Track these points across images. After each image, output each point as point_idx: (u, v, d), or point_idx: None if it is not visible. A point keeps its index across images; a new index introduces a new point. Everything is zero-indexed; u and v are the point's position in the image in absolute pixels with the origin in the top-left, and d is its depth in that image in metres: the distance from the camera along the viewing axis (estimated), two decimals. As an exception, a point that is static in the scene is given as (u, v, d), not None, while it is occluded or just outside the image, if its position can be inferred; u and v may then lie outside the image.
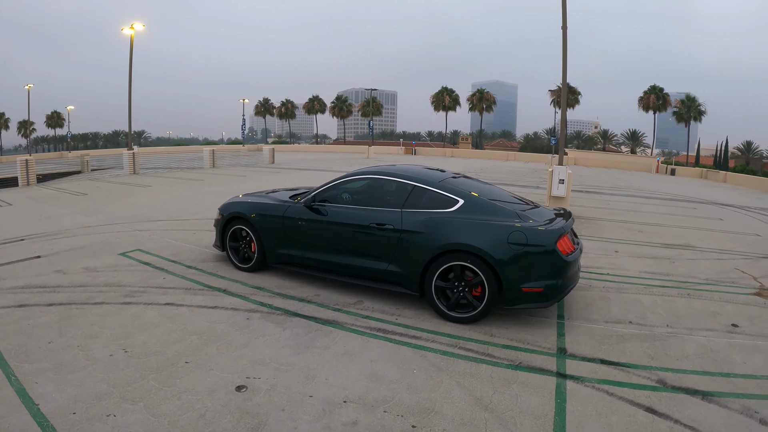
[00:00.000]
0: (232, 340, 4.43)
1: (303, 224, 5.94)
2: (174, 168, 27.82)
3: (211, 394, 3.50)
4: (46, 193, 16.13)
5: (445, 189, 5.41)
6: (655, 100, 61.57)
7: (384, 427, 3.18)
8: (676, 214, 14.56)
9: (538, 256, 4.78)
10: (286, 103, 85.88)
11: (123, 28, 25.04)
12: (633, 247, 9.12)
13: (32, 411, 3.22)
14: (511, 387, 3.78)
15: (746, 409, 3.58)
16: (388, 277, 5.36)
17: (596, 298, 5.98)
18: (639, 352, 4.50)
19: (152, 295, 5.57)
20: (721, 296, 6.26)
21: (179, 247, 7.83)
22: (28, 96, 51.43)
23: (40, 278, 6.11)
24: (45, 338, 4.37)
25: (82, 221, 10.20)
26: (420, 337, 4.64)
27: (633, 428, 3.30)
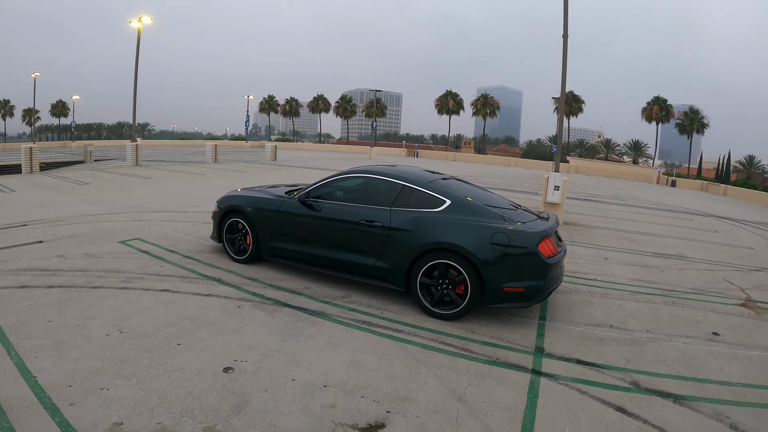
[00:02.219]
0: (223, 326, 4.63)
1: (296, 219, 6.13)
2: (176, 161, 28.01)
3: (200, 373, 3.70)
4: (48, 181, 16.33)
5: (434, 190, 5.59)
6: (659, 111, 61.58)
7: (360, 411, 3.35)
8: (672, 224, 14.66)
9: (519, 258, 4.93)
10: (291, 101, 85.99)
11: (131, 21, 25.20)
12: (624, 255, 9.24)
13: (30, 383, 3.42)
14: (486, 381, 3.93)
15: (717, 414, 3.67)
16: (375, 272, 5.54)
17: (580, 302, 6.10)
18: (616, 355, 4.60)
19: (149, 282, 5.77)
20: (705, 305, 6.35)
21: (177, 238, 8.02)
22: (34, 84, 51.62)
23: (42, 262, 6.31)
24: (44, 317, 4.57)
25: (83, 209, 10.41)
26: (403, 331, 4.82)
27: (601, 426, 3.41)
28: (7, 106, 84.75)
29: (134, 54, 24.85)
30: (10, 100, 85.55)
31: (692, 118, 61.33)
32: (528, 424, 3.36)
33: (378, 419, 3.27)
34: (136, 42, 24.72)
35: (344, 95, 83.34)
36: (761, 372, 4.51)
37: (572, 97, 63.94)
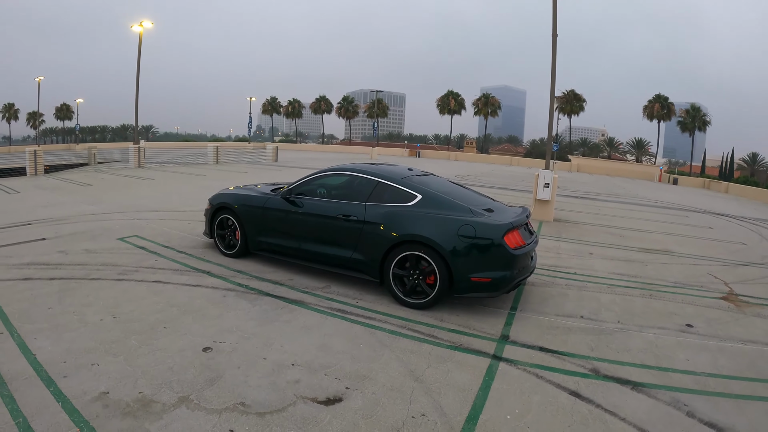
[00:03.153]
0: (207, 312, 5.00)
1: (280, 214, 6.48)
2: (178, 163, 28.49)
3: (181, 352, 4.07)
4: (52, 183, 16.84)
5: (406, 185, 5.91)
6: (660, 109, 61.57)
7: (321, 387, 3.68)
8: (666, 221, 14.84)
9: (485, 248, 5.21)
10: (293, 102, 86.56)
11: (132, 26, 25.66)
12: (610, 250, 9.42)
13: (30, 359, 3.82)
14: (446, 364, 4.15)
15: (675, 402, 3.76)
16: (351, 264, 5.88)
17: (555, 294, 6.29)
18: (581, 344, 4.76)
19: (143, 274, 6.14)
20: (684, 298, 6.47)
21: (173, 235, 8.41)
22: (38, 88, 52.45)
23: (44, 257, 6.71)
24: (45, 305, 4.97)
25: (85, 209, 10.85)
26: (374, 318, 5.13)
27: (551, 408, 3.56)
28: (11, 109, 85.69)
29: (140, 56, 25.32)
30: (14, 104, 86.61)
31: (694, 115, 61.33)
32: (479, 404, 3.56)
33: (337, 394, 3.60)
34: (138, 47, 25.19)
35: (346, 96, 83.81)
36: (730, 363, 4.59)
37: (573, 95, 64.10)
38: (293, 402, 3.43)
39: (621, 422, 3.43)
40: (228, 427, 3.07)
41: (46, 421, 3.03)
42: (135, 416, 3.14)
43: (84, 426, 3.00)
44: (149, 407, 3.25)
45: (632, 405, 3.67)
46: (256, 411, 3.28)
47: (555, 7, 13.14)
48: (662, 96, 62.54)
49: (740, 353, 4.82)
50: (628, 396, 3.81)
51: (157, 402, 3.31)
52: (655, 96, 62.96)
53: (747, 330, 5.48)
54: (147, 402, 3.31)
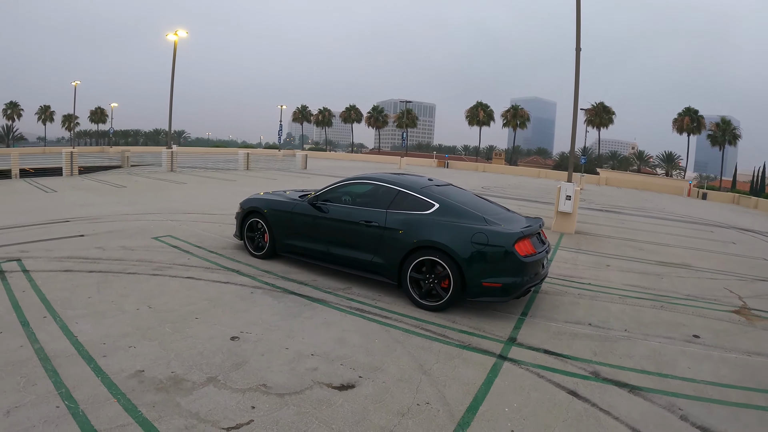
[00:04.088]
0: (236, 306, 5.41)
1: (306, 219, 6.86)
2: (210, 168, 29.29)
3: (211, 340, 4.48)
4: (87, 184, 17.67)
5: (425, 194, 6.23)
6: (690, 122, 60.56)
7: (336, 375, 4.01)
8: (689, 236, 14.74)
9: (497, 255, 5.48)
10: (324, 111, 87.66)
11: (167, 34, 26.60)
12: (627, 262, 9.48)
13: (72, 340, 4.27)
14: (453, 361, 4.42)
15: (671, 406, 3.89)
16: (372, 267, 6.21)
17: (566, 302, 6.44)
18: (585, 348, 4.93)
19: (177, 270, 6.59)
20: (695, 311, 6.52)
21: (205, 236, 8.87)
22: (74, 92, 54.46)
23: (83, 252, 7.22)
24: (85, 294, 5.45)
25: (120, 209, 11.47)
26: (390, 318, 5.44)
27: (548, 404, 3.76)
28: (47, 111, 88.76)
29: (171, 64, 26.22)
30: (50, 106, 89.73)
31: (724, 129, 60.16)
32: (480, 396, 3.81)
33: (350, 381, 3.92)
34: (173, 55, 26.11)
35: (376, 106, 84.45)
36: (731, 372, 4.65)
37: (602, 108, 63.53)
38: (310, 386, 3.77)
39: (614, 421, 3.60)
40: (250, 404, 3.43)
41: (86, 392, 3.44)
42: (167, 391, 3.53)
43: (121, 397, 3.40)
44: (180, 384, 3.64)
45: (627, 406, 3.83)
46: (276, 392, 3.64)
47: (578, 22, 13.33)
48: (692, 109, 61.55)
49: (743, 364, 4.89)
50: (624, 398, 3.97)
51: (188, 380, 3.70)
52: (684, 109, 62.03)
53: (754, 342, 5.54)
54: (178, 380, 3.70)
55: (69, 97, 54.60)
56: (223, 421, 3.21)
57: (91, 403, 3.30)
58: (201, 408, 3.35)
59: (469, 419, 3.49)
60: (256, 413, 3.34)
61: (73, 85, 54.81)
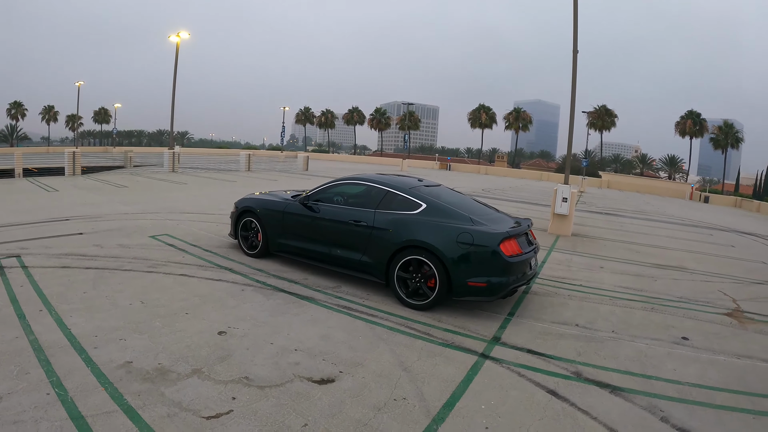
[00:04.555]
0: (226, 303, 5.54)
1: (298, 218, 7.00)
2: (211, 169, 29.54)
3: (199, 334, 4.62)
4: (89, 183, 17.87)
5: (413, 195, 6.34)
6: (692, 125, 60.31)
7: (317, 369, 4.12)
8: (688, 238, 14.72)
9: (482, 255, 5.56)
10: (326, 113, 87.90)
11: (170, 36, 26.82)
12: (622, 264, 9.48)
13: (65, 332, 4.43)
14: (435, 358, 4.48)
15: (652, 407, 3.88)
16: (360, 266, 6.32)
17: (555, 303, 6.47)
18: (569, 349, 4.95)
19: (171, 268, 6.73)
20: (686, 313, 6.51)
21: (201, 235, 9.02)
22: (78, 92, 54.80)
23: (81, 249, 7.38)
24: (81, 289, 5.60)
25: (120, 209, 11.64)
26: (377, 316, 5.54)
27: (526, 403, 3.80)
28: (51, 111, 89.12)
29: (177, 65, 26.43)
30: (54, 106, 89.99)
31: (726, 132, 59.89)
32: (458, 393, 3.87)
33: (330, 376, 4.03)
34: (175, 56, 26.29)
35: (378, 108, 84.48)
36: (718, 375, 4.64)
37: (605, 110, 63.49)
38: (291, 380, 3.89)
39: (591, 421, 3.61)
40: (231, 396, 3.56)
41: (76, 381, 3.60)
42: (153, 381, 3.67)
43: (108, 386, 3.56)
44: (166, 375, 3.78)
45: (606, 406, 3.84)
46: (257, 384, 3.76)
47: (576, 24, 13.47)
48: (694, 112, 61.34)
49: (732, 367, 4.88)
50: (604, 398, 3.98)
51: (173, 372, 3.84)
52: (687, 112, 61.77)
53: (745, 345, 5.52)
54: (164, 371, 3.84)
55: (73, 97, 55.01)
56: (204, 410, 3.34)
57: (80, 391, 3.46)
58: (184, 398, 3.48)
59: (444, 415, 3.56)
60: (236, 404, 3.46)
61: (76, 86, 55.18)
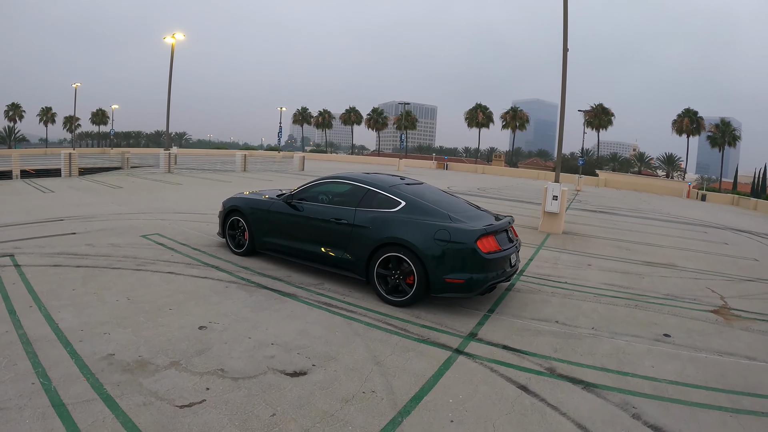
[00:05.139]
0: (209, 299, 5.71)
1: (282, 217, 7.14)
2: (207, 169, 29.69)
3: (181, 329, 4.79)
4: (85, 184, 18.07)
5: (393, 193, 6.46)
6: (689, 123, 60.37)
7: (291, 362, 4.27)
8: (681, 236, 14.74)
9: (459, 252, 5.67)
10: (324, 113, 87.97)
11: (165, 37, 26.92)
12: (610, 262, 9.52)
13: (53, 326, 4.63)
14: (408, 353, 4.58)
15: (624, 404, 3.89)
16: (342, 263, 6.46)
17: (537, 300, 6.53)
18: (545, 345, 4.99)
19: (159, 266, 6.89)
20: (671, 310, 6.52)
21: (191, 234, 9.18)
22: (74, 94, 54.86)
23: (73, 248, 7.56)
24: (70, 287, 5.78)
25: (113, 209, 11.83)
26: (356, 312, 5.67)
27: (495, 397, 3.86)
28: (49, 113, 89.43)
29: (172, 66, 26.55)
30: (51, 108, 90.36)
31: (723, 130, 59.86)
32: (427, 387, 3.95)
33: (303, 369, 4.17)
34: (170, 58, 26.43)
35: (375, 108, 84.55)
36: (697, 372, 4.62)
37: (602, 109, 63.57)
38: (264, 372, 4.05)
39: (560, 416, 3.65)
40: (206, 386, 3.72)
41: (60, 372, 3.79)
42: (132, 372, 3.85)
43: (90, 377, 3.74)
44: (145, 367, 3.95)
45: (577, 403, 3.86)
46: (231, 376, 3.92)
47: (566, 23, 13.56)
48: (691, 110, 61.39)
49: (712, 364, 4.87)
50: (576, 394, 4.00)
51: (152, 364, 4.02)
52: (684, 110, 61.86)
53: (728, 342, 5.50)
54: (144, 363, 4.01)
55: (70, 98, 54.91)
56: (178, 399, 3.50)
57: (63, 381, 3.64)
58: (160, 388, 3.64)
59: (410, 408, 3.66)
60: (209, 394, 3.62)
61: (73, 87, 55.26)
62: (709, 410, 3.95)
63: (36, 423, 3.12)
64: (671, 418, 3.74)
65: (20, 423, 3.11)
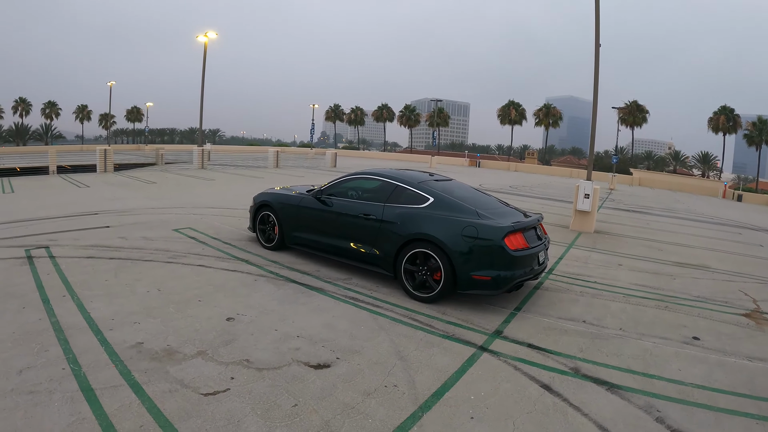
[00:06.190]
0: (238, 292, 5.82)
1: (311, 212, 7.22)
2: (240, 166, 30.15)
3: (208, 319, 4.91)
4: (120, 180, 18.65)
5: (422, 189, 6.46)
6: (725, 121, 58.68)
7: (316, 355, 4.33)
8: (715, 237, 14.39)
9: (486, 249, 5.63)
10: (356, 110, 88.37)
11: (197, 36, 27.40)
12: (641, 262, 9.33)
13: (85, 316, 4.79)
14: (432, 349, 4.58)
15: (648, 406, 3.81)
16: (369, 259, 6.50)
17: (565, 299, 6.44)
18: (571, 345, 4.92)
19: (190, 259, 7.05)
20: (701, 312, 6.35)
21: (223, 229, 9.36)
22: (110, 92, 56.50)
23: (107, 241, 7.80)
24: (103, 278, 5.97)
25: (147, 204, 12.17)
26: (382, 307, 5.70)
27: (517, 395, 3.83)
28: (85, 110, 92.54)
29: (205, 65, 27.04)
30: (87, 105, 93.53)
31: (761, 128, 57.66)
32: (449, 383, 3.95)
33: (327, 362, 4.22)
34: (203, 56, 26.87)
35: (408, 105, 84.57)
36: (725, 377, 4.50)
37: (636, 106, 62.31)
38: (288, 363, 4.11)
39: (582, 417, 3.60)
40: (230, 376, 3.81)
41: (90, 358, 3.93)
42: (160, 360, 3.97)
43: (119, 364, 3.87)
44: (172, 356, 4.06)
45: (600, 404, 3.80)
46: (256, 366, 4.00)
47: (597, 17, 13.33)
48: (728, 108, 59.64)
49: (741, 369, 4.73)
50: (600, 395, 3.94)
51: (180, 353, 4.13)
52: (720, 108, 60.20)
53: (759, 347, 5.33)
54: (172, 352, 4.13)
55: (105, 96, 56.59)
56: (203, 387, 3.60)
57: (93, 367, 3.78)
58: (186, 376, 3.74)
59: (431, 403, 3.67)
60: (234, 383, 3.70)
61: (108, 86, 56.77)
62: (735, 416, 3.84)
63: (65, 406, 3.25)
64: (695, 423, 3.66)
65: (49, 406, 3.24)
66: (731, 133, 60.20)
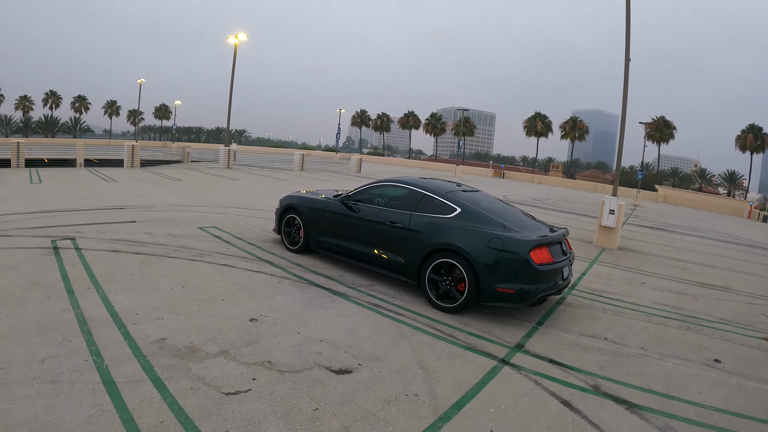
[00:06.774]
0: (261, 293, 5.87)
1: (337, 217, 7.25)
2: (265, 167, 30.43)
3: (231, 319, 4.95)
4: (146, 176, 18.94)
5: (449, 199, 6.44)
6: (753, 140, 57.60)
7: (338, 360, 4.34)
8: (739, 258, 14.13)
9: (511, 262, 5.60)
10: (382, 116, 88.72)
11: (228, 38, 27.78)
12: (665, 281, 9.20)
13: (109, 309, 4.88)
14: (454, 359, 4.58)
15: (667, 427, 3.76)
16: (394, 266, 6.50)
17: (587, 316, 6.39)
18: (592, 362, 4.88)
19: (214, 258, 7.13)
20: (723, 335, 6.25)
21: (247, 229, 9.45)
22: (139, 89, 57.55)
23: (132, 236, 7.94)
24: (127, 272, 6.07)
25: (172, 201, 12.35)
26: (404, 315, 5.70)
27: (537, 410, 3.81)
28: (113, 106, 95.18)
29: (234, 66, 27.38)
30: (116, 101, 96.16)
31: (789, 148, 56.71)
32: (470, 395, 3.94)
33: (348, 367, 4.23)
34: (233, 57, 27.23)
35: (434, 113, 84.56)
36: (745, 401, 4.44)
37: (663, 122, 61.43)
38: (310, 367, 4.13)
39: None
40: (252, 376, 3.83)
41: (113, 351, 4.00)
42: (182, 357, 4.01)
43: (141, 358, 3.93)
44: (195, 353, 4.10)
45: (619, 423, 3.77)
46: (278, 368, 4.02)
47: (628, 32, 13.18)
48: (756, 126, 58.52)
49: (761, 394, 4.67)
50: (619, 414, 3.90)
51: (202, 351, 4.17)
52: (748, 126, 59.22)
53: None
54: (194, 349, 4.17)
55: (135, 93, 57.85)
56: (225, 387, 3.62)
57: (115, 361, 3.84)
58: (208, 374, 3.78)
59: (451, 414, 3.65)
60: (256, 384, 3.72)
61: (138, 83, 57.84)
62: (752, 441, 3.76)
63: (86, 398, 3.30)
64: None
65: (71, 396, 3.30)
66: (759, 152, 59.07)
